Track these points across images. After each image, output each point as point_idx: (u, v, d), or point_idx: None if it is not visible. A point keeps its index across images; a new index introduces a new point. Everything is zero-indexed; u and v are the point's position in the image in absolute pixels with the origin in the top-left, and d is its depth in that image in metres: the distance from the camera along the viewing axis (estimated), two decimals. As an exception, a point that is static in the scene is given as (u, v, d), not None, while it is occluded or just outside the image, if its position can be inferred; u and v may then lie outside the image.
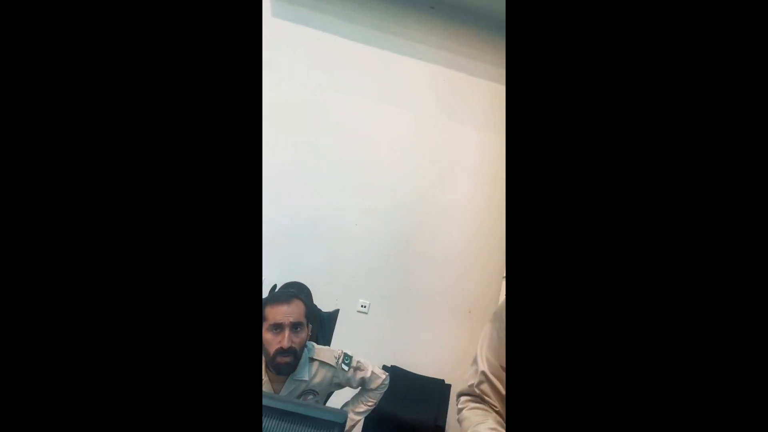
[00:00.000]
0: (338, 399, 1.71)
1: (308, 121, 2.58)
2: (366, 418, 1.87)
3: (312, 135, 2.58)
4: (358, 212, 2.55)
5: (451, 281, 2.65)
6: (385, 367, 2.46)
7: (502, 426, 0.71)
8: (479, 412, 0.73)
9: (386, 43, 2.66)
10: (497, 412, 0.73)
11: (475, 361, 0.78)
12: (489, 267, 2.64)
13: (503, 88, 2.81)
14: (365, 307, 2.52)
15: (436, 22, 2.70)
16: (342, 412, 1.88)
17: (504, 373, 0.73)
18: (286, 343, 1.26)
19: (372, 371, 1.76)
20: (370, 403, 1.79)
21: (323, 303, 1.81)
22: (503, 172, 2.71)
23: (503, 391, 0.73)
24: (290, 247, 2.49)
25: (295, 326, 1.31)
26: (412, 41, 2.69)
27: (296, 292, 1.45)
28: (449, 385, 2.48)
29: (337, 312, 1.84)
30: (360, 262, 2.53)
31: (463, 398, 0.78)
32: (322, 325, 1.81)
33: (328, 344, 1.79)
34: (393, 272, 2.57)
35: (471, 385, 0.76)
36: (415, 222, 2.64)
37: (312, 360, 1.46)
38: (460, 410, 0.76)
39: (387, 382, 1.81)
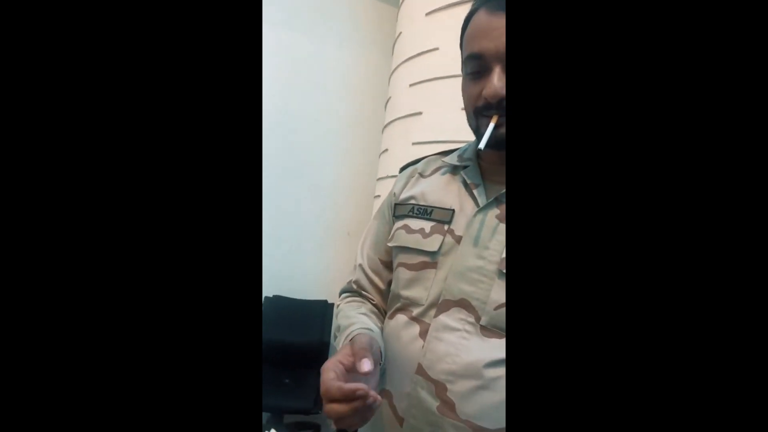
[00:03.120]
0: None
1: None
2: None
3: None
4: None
5: (327, 205, 2.66)
6: (267, 298, 2.46)
7: (375, 314, 0.71)
8: (354, 304, 0.73)
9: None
10: (374, 304, 0.74)
11: (355, 259, 0.78)
12: (363, 188, 2.68)
13: (375, 3, 2.64)
14: (241, 240, 2.41)
15: None
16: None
17: (382, 266, 0.73)
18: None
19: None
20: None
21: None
22: (375, 91, 2.65)
23: (381, 285, 0.74)
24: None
25: None
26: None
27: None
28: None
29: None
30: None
31: (343, 295, 0.78)
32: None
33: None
34: (268, 201, 2.46)
35: (350, 282, 0.77)
36: (286, 146, 2.51)
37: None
38: (337, 306, 0.76)
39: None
